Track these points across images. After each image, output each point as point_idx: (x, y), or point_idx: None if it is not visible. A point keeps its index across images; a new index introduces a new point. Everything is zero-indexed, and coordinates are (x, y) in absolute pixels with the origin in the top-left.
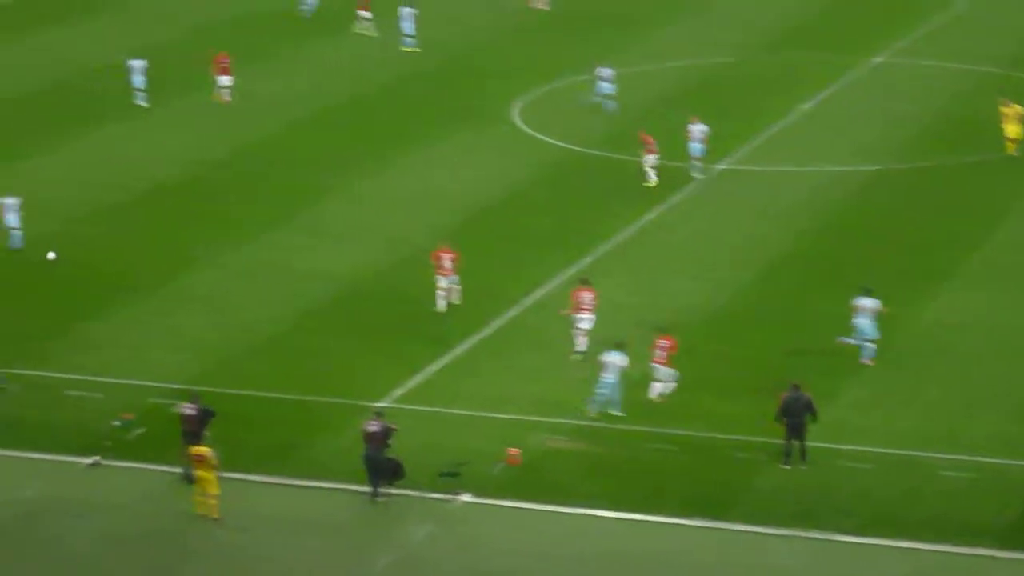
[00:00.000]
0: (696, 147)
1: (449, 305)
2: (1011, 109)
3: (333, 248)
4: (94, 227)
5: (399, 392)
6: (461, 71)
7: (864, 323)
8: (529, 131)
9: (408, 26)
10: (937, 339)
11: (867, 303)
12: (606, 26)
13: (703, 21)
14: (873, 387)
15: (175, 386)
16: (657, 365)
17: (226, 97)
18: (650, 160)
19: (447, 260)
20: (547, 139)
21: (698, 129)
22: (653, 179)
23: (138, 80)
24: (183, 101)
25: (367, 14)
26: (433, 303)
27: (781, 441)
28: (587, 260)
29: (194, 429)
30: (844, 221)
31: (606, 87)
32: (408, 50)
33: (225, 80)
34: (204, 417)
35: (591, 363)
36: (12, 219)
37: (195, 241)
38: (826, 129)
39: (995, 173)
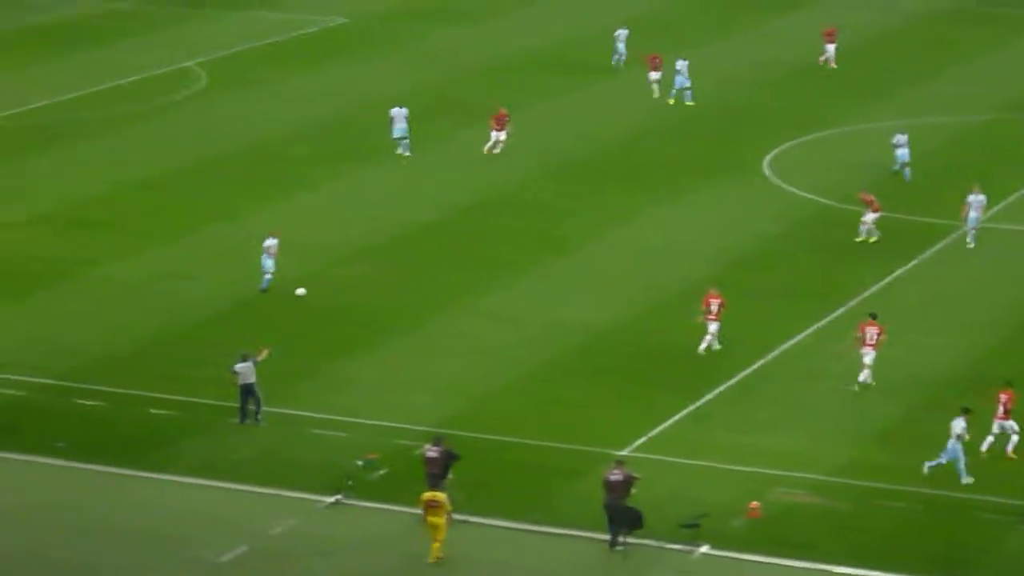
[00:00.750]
0: (974, 217)
1: (708, 350)
2: None
3: (582, 295)
4: (349, 267)
5: (641, 441)
6: (716, 122)
7: None
8: (780, 183)
9: (682, 79)
10: None
11: None
12: (870, 82)
13: (957, 80)
14: None
15: (421, 428)
16: (1000, 421)
17: (496, 151)
18: (870, 218)
19: (714, 304)
20: (798, 192)
21: (978, 200)
22: (875, 234)
23: (399, 129)
24: (445, 145)
25: (656, 75)
26: (695, 347)
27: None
28: (835, 315)
29: (437, 471)
30: None
31: (901, 153)
32: (687, 103)
33: (500, 135)
34: (447, 460)
35: (842, 417)
36: (269, 263)
37: (448, 283)
38: None
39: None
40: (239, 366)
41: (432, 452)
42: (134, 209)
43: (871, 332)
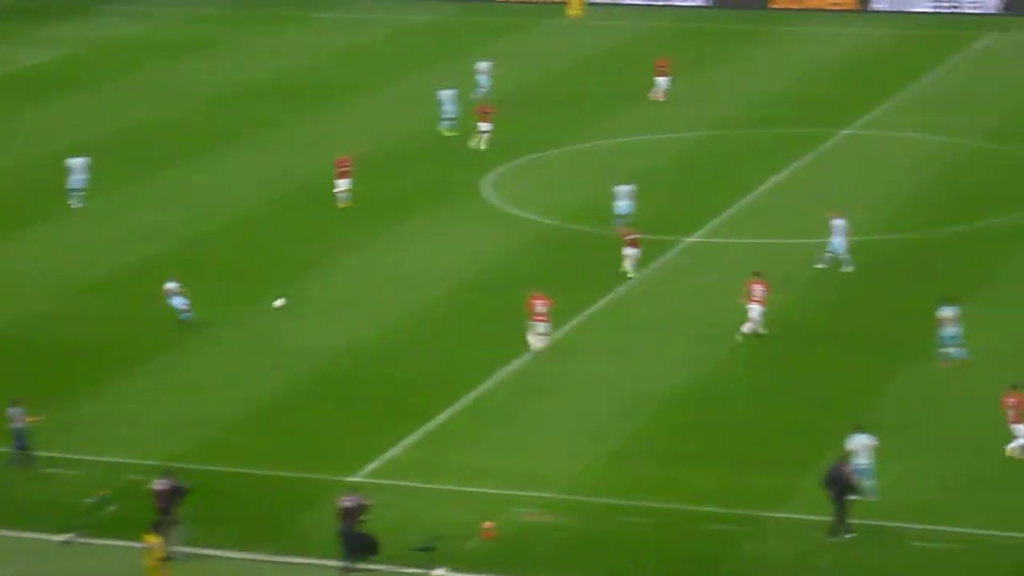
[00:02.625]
0: (838, 242)
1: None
2: None
3: (313, 322)
4: (87, 303)
5: (374, 466)
6: (438, 146)
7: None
8: (502, 205)
9: (450, 108)
10: (915, 411)
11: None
12: (577, 103)
13: (674, 99)
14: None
15: (152, 463)
16: (1013, 424)
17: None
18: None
19: (540, 306)
20: (521, 213)
21: (838, 224)
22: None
23: (76, 180)
24: (174, 173)
25: (486, 125)
26: (426, 370)
27: (762, 514)
28: (561, 333)
29: (165, 505)
30: (821, 292)
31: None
32: (448, 133)
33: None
34: (175, 493)
35: (573, 435)
36: (178, 302)
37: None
38: (802, 200)
39: (965, 242)
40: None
41: (160, 485)
42: None
43: (757, 289)
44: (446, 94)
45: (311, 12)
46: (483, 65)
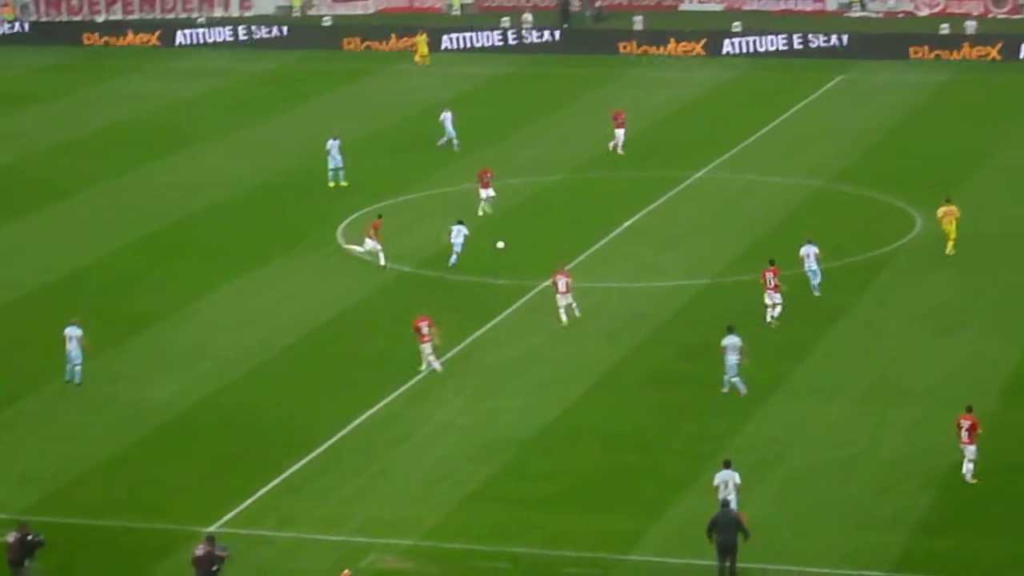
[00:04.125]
0: (813, 269)
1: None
2: (948, 208)
3: (165, 372)
4: None
5: (231, 516)
6: (291, 193)
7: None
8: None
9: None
10: (767, 450)
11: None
12: (428, 148)
13: (534, 142)
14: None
15: (3, 516)
16: (964, 445)
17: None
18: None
19: (424, 327)
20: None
21: (812, 252)
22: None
23: None
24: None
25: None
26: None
27: (615, 556)
28: (417, 380)
29: (15, 558)
30: (673, 335)
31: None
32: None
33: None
34: (28, 547)
35: (429, 481)
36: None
37: (28, 365)
38: (654, 244)
39: (830, 282)
40: None
41: (13, 538)
42: None
43: (769, 277)
44: (333, 143)
45: (159, 62)
46: (446, 115)
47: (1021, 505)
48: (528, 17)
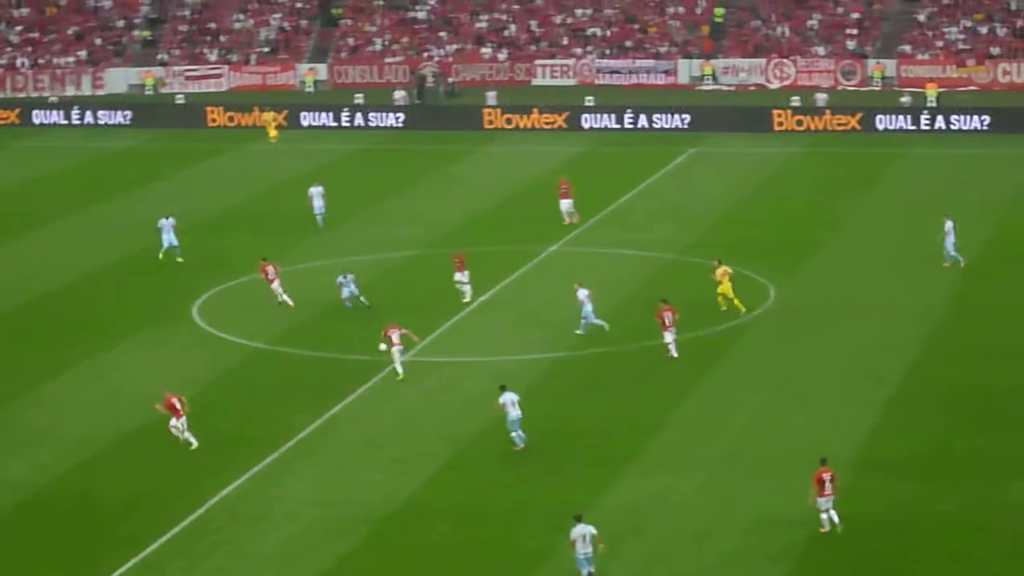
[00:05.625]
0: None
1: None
2: (721, 269)
3: (13, 454)
4: None
5: None
6: (143, 271)
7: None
8: (210, 329)
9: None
10: (624, 522)
11: None
12: (281, 224)
13: (386, 219)
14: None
15: None
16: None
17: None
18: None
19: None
20: (228, 337)
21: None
22: None
23: None
24: None
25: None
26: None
27: None
28: (273, 457)
29: None
30: (529, 409)
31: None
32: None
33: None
34: None
35: (282, 561)
36: None
37: None
38: (506, 318)
39: (670, 357)
40: None
41: None
42: None
43: (667, 315)
44: (166, 222)
45: (6, 141)
46: (316, 190)
47: (872, 566)
48: (400, 94)
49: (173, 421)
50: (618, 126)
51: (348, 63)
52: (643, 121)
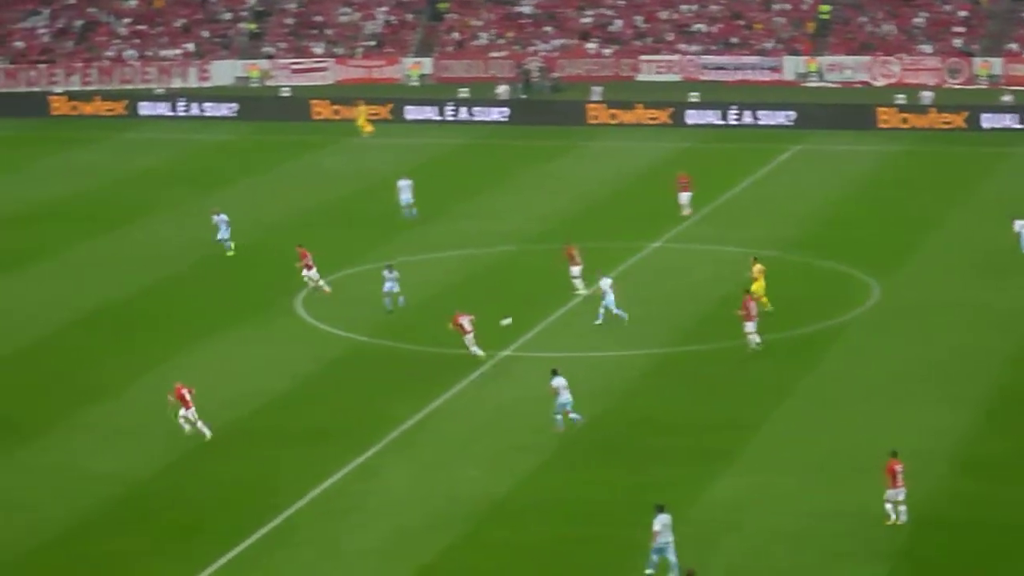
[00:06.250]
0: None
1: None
2: (757, 267)
3: (116, 445)
4: None
5: None
6: (249, 264)
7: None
8: (312, 322)
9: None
10: (722, 519)
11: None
12: (381, 219)
13: (481, 214)
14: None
15: None
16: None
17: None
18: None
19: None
20: (330, 329)
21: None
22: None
23: None
24: None
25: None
26: (230, 496)
27: None
28: (373, 450)
29: None
30: (627, 405)
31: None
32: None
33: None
34: None
35: (384, 555)
36: None
37: None
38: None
39: (768, 355)
40: None
41: None
42: None
43: (751, 307)
44: (219, 219)
45: (117, 133)
46: (404, 183)
47: (971, 567)
48: (503, 88)
49: (183, 412)
50: (722, 122)
51: (453, 57)
52: (747, 118)
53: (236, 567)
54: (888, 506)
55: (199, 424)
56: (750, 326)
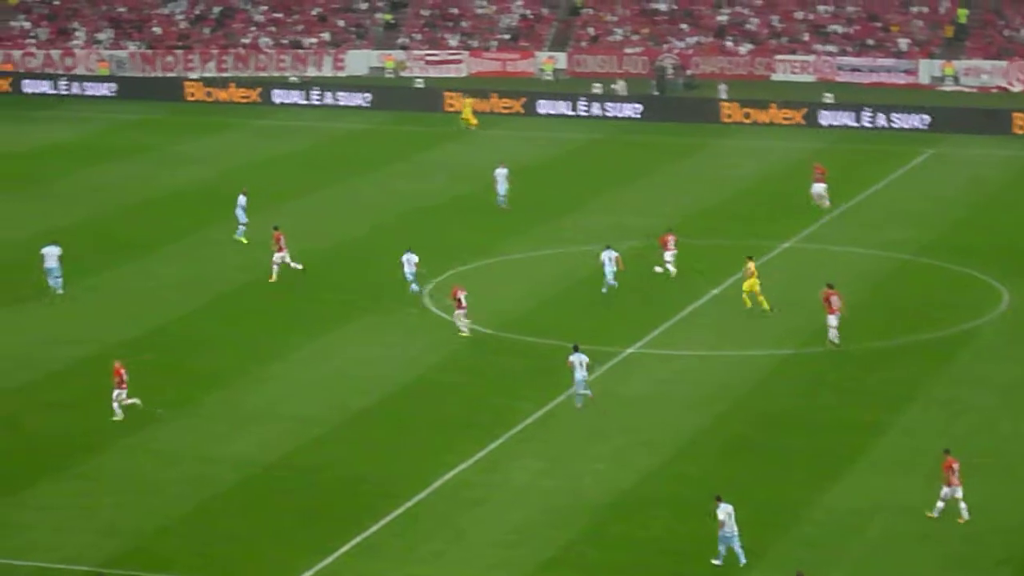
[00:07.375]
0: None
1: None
2: (750, 265)
3: (238, 430)
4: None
5: (308, 574)
6: (374, 253)
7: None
8: (439, 313)
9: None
10: (845, 521)
11: None
12: (517, 211)
13: (614, 209)
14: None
15: (83, 568)
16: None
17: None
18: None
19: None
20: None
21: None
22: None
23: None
24: (100, 281)
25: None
26: (353, 480)
27: None
28: (497, 443)
29: None
30: (754, 404)
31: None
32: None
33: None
34: None
35: (506, 546)
36: None
37: (97, 421)
38: (735, 313)
39: (897, 358)
40: None
41: None
42: None
43: (834, 299)
44: (242, 200)
45: (251, 120)
46: (501, 172)
47: None
48: (620, 84)
49: (116, 392)
50: (856, 124)
51: (588, 52)
52: (882, 120)
53: (358, 554)
54: (940, 504)
55: (125, 402)
56: (832, 319)
